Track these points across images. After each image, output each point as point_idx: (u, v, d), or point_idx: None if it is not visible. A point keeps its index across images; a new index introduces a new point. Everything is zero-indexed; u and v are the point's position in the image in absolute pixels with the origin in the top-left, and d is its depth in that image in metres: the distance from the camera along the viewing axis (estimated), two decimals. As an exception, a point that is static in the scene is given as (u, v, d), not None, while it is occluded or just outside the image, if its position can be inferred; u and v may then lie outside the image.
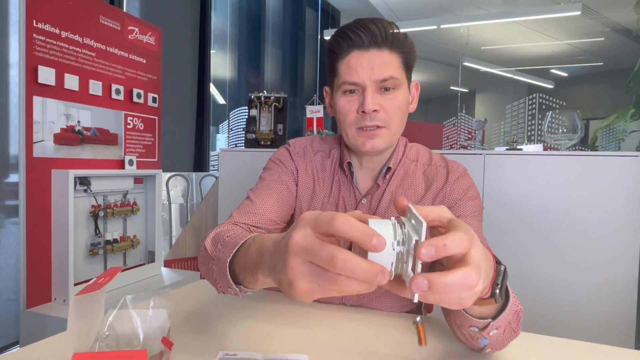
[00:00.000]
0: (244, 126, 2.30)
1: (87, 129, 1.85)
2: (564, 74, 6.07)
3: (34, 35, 1.60)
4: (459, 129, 2.18)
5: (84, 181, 1.78)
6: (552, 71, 5.95)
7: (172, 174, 2.78)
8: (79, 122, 1.81)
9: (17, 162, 1.67)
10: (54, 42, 1.68)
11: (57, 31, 1.69)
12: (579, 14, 3.95)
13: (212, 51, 3.77)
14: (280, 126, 2.23)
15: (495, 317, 0.53)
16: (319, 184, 0.91)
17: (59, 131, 1.72)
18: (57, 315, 1.60)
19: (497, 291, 0.46)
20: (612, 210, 1.50)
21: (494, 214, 1.63)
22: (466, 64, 5.64)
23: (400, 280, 0.40)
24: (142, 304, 0.53)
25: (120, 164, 2.02)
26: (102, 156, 1.92)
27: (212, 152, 3.59)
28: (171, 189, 2.74)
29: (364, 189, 0.89)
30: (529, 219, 1.60)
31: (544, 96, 2.00)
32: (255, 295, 0.86)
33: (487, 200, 1.65)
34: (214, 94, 4.24)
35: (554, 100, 2.02)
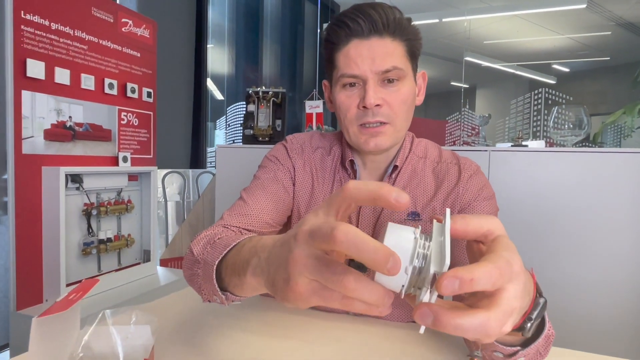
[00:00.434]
0: (241, 122, 2.24)
1: (79, 125, 1.79)
2: (566, 70, 6.01)
3: (22, 27, 1.54)
4: (462, 125, 2.12)
5: (75, 178, 1.72)
6: (554, 66, 5.90)
7: (168, 170, 2.72)
8: (70, 117, 1.75)
9: (6, 159, 1.61)
10: (44, 34, 1.62)
11: (46, 23, 1.63)
12: (584, 7, 3.88)
13: (209, 46, 3.70)
14: (278, 122, 2.17)
15: (525, 346, 0.46)
16: (318, 183, 0.84)
17: (49, 127, 1.66)
18: (48, 317, 1.55)
19: (528, 325, 0.39)
20: (621, 207, 1.45)
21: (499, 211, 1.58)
22: (467, 58, 5.58)
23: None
24: (123, 319, 0.47)
25: (114, 161, 1.96)
26: (94, 153, 1.86)
27: (210, 149, 3.53)
28: (167, 186, 2.68)
29: None
30: (535, 217, 1.55)
31: (550, 91, 1.95)
32: (250, 303, 0.80)
33: (493, 198, 1.60)
34: (212, 89, 4.18)
35: (560, 95, 1.96)
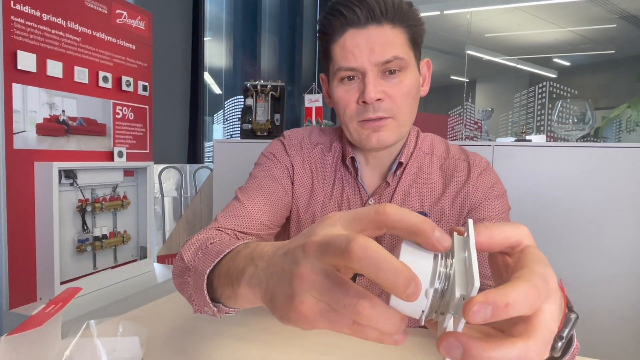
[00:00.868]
0: (239, 116, 2.20)
1: (73, 119, 1.74)
2: (567, 63, 5.96)
3: (12, 17, 1.49)
4: (464, 119, 2.08)
5: (69, 174, 1.68)
6: (555, 60, 5.85)
7: (165, 166, 2.68)
8: (63, 111, 1.70)
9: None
10: (35, 26, 1.57)
11: (37, 14, 1.58)
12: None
13: (207, 38, 3.64)
14: (277, 116, 2.13)
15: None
16: (318, 182, 0.79)
17: (41, 121, 1.61)
18: (41, 316, 1.51)
19: (559, 345, 0.35)
20: (625, 202, 1.42)
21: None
22: (469, 52, 5.52)
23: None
24: (109, 329, 0.43)
25: (109, 156, 1.91)
26: (89, 148, 1.82)
27: (208, 143, 3.48)
28: (164, 181, 2.64)
29: (371, 187, 0.78)
30: (539, 212, 1.52)
31: (555, 84, 1.91)
32: (247, 308, 0.76)
33: (496, 194, 1.57)
34: (210, 83, 4.12)
35: (564, 88, 1.92)
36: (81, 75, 1.75)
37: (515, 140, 1.81)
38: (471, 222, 0.28)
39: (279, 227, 0.79)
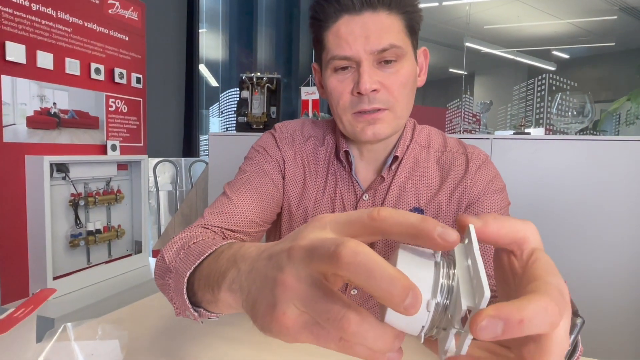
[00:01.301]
0: (235, 109, 2.17)
1: (64, 112, 1.71)
2: (566, 56, 5.92)
3: (0, 7, 1.45)
4: (463, 112, 2.06)
5: (61, 168, 1.65)
6: (554, 52, 5.81)
7: (160, 159, 2.65)
8: (54, 104, 1.67)
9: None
10: (24, 16, 1.53)
11: (26, 3, 1.54)
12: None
13: (202, 30, 3.59)
14: (273, 109, 2.10)
15: None
16: (310, 177, 0.76)
17: (32, 114, 1.58)
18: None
19: (571, 347, 0.33)
20: (625, 196, 1.40)
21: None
22: (467, 44, 5.48)
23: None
24: (88, 333, 0.41)
25: (102, 150, 1.89)
26: (81, 141, 1.79)
27: (204, 136, 3.44)
28: (159, 175, 2.61)
29: (366, 182, 0.75)
30: (538, 206, 1.50)
31: (554, 77, 1.88)
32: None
33: (494, 188, 1.55)
34: (206, 75, 4.07)
35: (564, 81, 1.90)
36: (72, 67, 1.72)
37: (514, 133, 1.79)
38: (472, 227, 0.25)
39: (269, 224, 0.76)
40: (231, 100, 3.30)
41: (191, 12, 3.15)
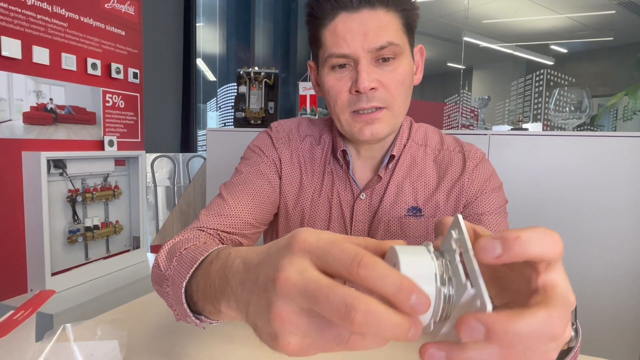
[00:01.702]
0: (233, 104, 2.16)
1: (61, 107, 1.70)
2: (564, 50, 5.91)
3: (-5, 2, 1.44)
4: (461, 107, 2.06)
5: (58, 164, 1.65)
6: (552, 47, 5.80)
7: (157, 155, 2.64)
8: (51, 99, 1.66)
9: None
10: (19, 11, 1.52)
11: (21, -2, 1.52)
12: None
13: (199, 24, 3.57)
14: (271, 104, 2.10)
15: None
16: (307, 176, 0.76)
17: (28, 110, 1.57)
18: (32, 308, 1.50)
19: (574, 333, 0.33)
20: (622, 192, 1.41)
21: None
22: (466, 38, 5.46)
23: None
24: (87, 333, 0.41)
25: (99, 145, 1.88)
26: (78, 137, 1.78)
27: (202, 132, 3.43)
28: (156, 170, 2.60)
29: (363, 181, 0.75)
30: (535, 202, 1.51)
31: (552, 72, 1.88)
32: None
33: (492, 184, 1.55)
34: (203, 70, 4.05)
35: (561, 76, 1.90)
36: (69, 62, 1.71)
37: (511, 128, 1.79)
38: (460, 216, 0.27)
39: (266, 225, 0.76)
40: (229, 95, 3.29)
41: (188, 6, 3.13)
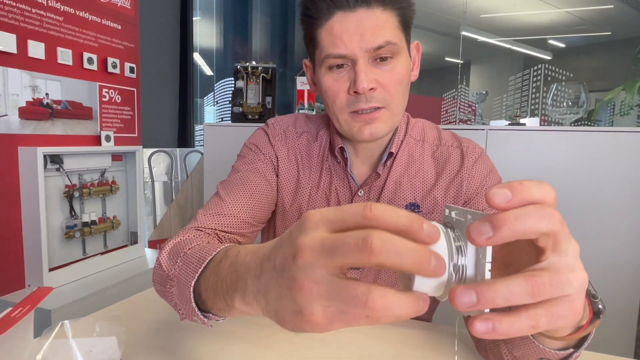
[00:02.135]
0: (230, 99, 2.15)
1: (57, 102, 1.69)
2: (562, 45, 5.91)
3: (-11, -5, 1.42)
4: (458, 102, 2.06)
5: (55, 159, 1.64)
6: (550, 42, 5.79)
7: (155, 150, 2.63)
8: (47, 94, 1.65)
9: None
10: (13, 4, 1.50)
11: (16, -9, 1.51)
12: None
13: (196, 18, 3.54)
14: (268, 99, 2.09)
15: (579, 345, 0.40)
16: (304, 173, 0.76)
17: (24, 105, 1.56)
18: (30, 303, 1.49)
19: (601, 306, 0.36)
20: (620, 187, 1.41)
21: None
22: (464, 33, 5.45)
23: None
24: (85, 330, 0.41)
25: (96, 140, 1.87)
26: (75, 132, 1.77)
27: (199, 126, 3.42)
28: (154, 166, 2.60)
29: (361, 177, 0.75)
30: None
31: (550, 67, 1.88)
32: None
33: (489, 179, 1.55)
34: (200, 64, 4.03)
35: (559, 71, 1.90)
36: (65, 56, 1.69)
37: (509, 123, 1.79)
38: (447, 209, 0.31)
39: (264, 224, 0.75)
40: (226, 89, 3.28)
41: (184, 0, 3.10)
